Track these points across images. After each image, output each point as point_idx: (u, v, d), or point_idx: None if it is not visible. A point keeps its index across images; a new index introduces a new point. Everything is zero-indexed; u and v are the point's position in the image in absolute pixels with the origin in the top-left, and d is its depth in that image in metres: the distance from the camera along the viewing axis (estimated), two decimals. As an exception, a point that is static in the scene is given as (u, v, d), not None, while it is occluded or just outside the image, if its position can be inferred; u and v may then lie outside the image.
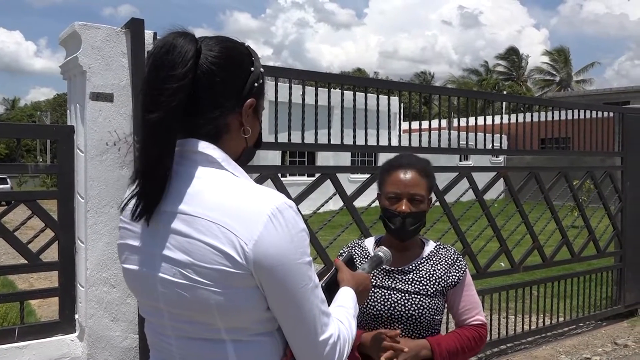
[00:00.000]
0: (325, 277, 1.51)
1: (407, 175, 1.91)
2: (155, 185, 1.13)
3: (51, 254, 2.93)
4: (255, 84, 1.23)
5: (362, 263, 1.87)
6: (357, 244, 2.10)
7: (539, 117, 5.25)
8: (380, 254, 1.79)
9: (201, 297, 1.10)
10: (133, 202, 1.17)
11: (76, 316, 2.91)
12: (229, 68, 1.19)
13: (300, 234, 1.13)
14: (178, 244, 1.11)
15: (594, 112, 5.67)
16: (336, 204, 4.15)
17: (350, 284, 1.45)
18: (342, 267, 1.52)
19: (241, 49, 1.25)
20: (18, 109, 63.80)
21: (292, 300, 1.12)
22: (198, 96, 1.16)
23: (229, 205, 1.10)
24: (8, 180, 30.42)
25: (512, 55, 52.49)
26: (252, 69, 1.23)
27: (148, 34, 2.85)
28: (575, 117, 5.45)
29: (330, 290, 1.42)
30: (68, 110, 3.12)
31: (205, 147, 1.17)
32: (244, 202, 1.11)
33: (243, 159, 1.26)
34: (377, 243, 2.07)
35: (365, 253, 2.03)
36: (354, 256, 2.01)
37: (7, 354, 2.68)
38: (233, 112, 1.20)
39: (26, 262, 2.87)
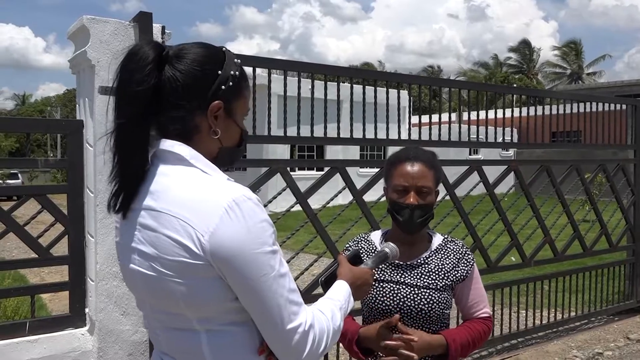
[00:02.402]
0: (326, 272, 1.52)
1: (414, 168, 1.90)
2: (128, 183, 1.21)
3: (62, 248, 2.94)
4: (223, 87, 1.25)
5: (367, 258, 1.85)
6: (364, 238, 2.08)
7: (550, 110, 5.19)
8: (387, 250, 1.77)
9: (167, 288, 1.17)
10: (110, 199, 1.25)
11: (86, 310, 2.92)
12: (191, 72, 1.22)
13: (259, 225, 1.16)
14: (148, 239, 1.19)
15: (606, 105, 5.61)
16: (345, 198, 4.13)
17: (346, 278, 1.47)
18: (342, 262, 1.55)
19: (210, 53, 1.28)
20: (28, 104, 64.22)
21: (253, 290, 1.15)
22: (162, 98, 1.22)
23: (189, 199, 1.16)
24: (19, 175, 30.66)
25: (524, 48, 52.08)
26: (220, 72, 1.26)
27: (156, 28, 2.84)
28: (587, 109, 5.39)
29: (330, 284, 1.44)
30: (77, 105, 3.12)
31: (173, 145, 1.23)
32: (202, 195, 1.16)
33: (223, 159, 1.29)
34: (384, 237, 2.06)
35: (372, 247, 2.02)
36: (361, 250, 2.00)
37: (18, 348, 2.69)
38: (200, 114, 1.24)
39: (37, 256, 2.87)
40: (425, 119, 4.32)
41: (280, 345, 1.19)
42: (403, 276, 1.92)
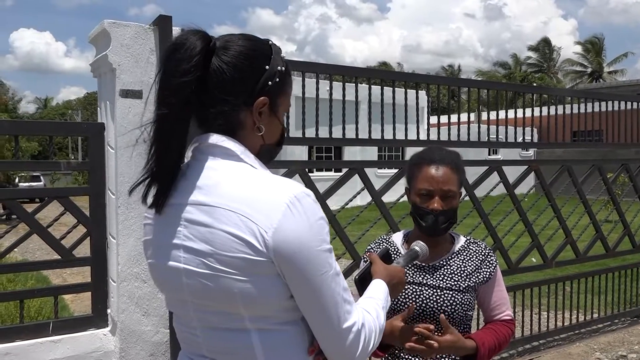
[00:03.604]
0: (360, 271, 1.50)
1: (439, 172, 1.86)
2: (164, 176, 1.18)
3: (84, 250, 2.97)
4: (269, 82, 1.22)
5: (396, 257, 1.84)
6: (385, 239, 2.06)
7: (571, 109, 5.12)
8: (417, 248, 1.76)
9: (224, 285, 1.12)
10: (146, 193, 1.22)
11: (108, 311, 2.95)
12: (239, 66, 1.20)
13: (318, 222, 1.14)
14: (200, 235, 1.14)
15: (628, 103, 5.52)
16: (364, 199, 4.12)
17: (382, 276, 1.44)
18: (375, 260, 1.51)
19: (259, 47, 1.24)
20: (50, 107, 65.19)
21: (313, 287, 1.13)
22: (208, 92, 1.19)
23: (248, 195, 1.12)
24: (41, 177, 31.10)
25: (544, 46, 51.52)
26: (267, 67, 1.22)
27: (176, 31, 2.86)
28: (609, 108, 5.31)
29: (364, 284, 1.43)
30: (98, 108, 3.16)
31: (222, 140, 1.20)
32: (262, 191, 1.13)
33: (262, 156, 1.26)
34: (406, 238, 2.04)
35: (394, 249, 2.00)
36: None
37: (42, 348, 2.73)
38: (245, 110, 1.21)
39: (59, 257, 2.91)
40: (444, 119, 4.29)
41: (335, 345, 1.17)
42: (425, 278, 1.91)
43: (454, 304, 1.86)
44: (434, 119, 4.34)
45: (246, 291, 1.11)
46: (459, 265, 1.92)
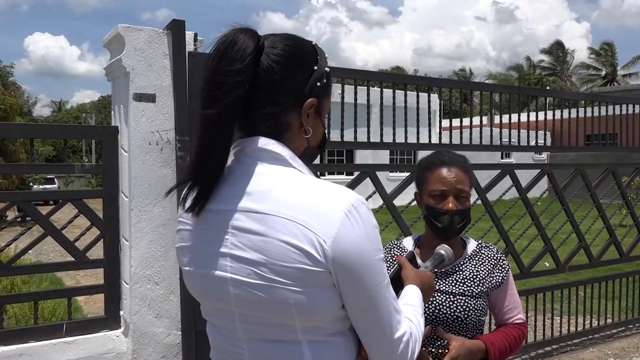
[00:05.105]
0: (390, 274, 1.49)
1: (451, 172, 1.86)
2: (207, 178, 1.14)
3: (97, 252, 3.00)
4: (318, 84, 1.20)
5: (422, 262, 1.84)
6: (396, 244, 2.05)
7: (585, 112, 5.09)
8: (442, 252, 1.77)
9: (279, 296, 1.07)
10: (186, 196, 1.17)
11: (121, 312, 2.97)
12: (289, 66, 1.16)
13: (374, 230, 1.11)
14: (251, 243, 1.09)
15: (643, 107, 5.46)
16: (375, 202, 4.11)
17: (415, 281, 1.41)
18: (405, 264, 1.48)
19: (306, 47, 1.22)
20: (64, 111, 65.82)
21: (369, 297, 1.10)
22: (257, 92, 1.15)
23: (304, 203, 1.08)
24: (55, 180, 31.35)
25: (557, 49, 51.19)
26: (316, 67, 1.20)
27: (189, 35, 2.89)
28: (623, 112, 5.26)
29: (394, 287, 1.41)
30: (112, 111, 3.19)
31: (270, 143, 1.15)
32: (318, 199, 1.09)
33: (305, 159, 1.22)
34: (417, 243, 2.03)
35: (405, 254, 1.99)
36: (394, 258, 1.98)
37: (55, 349, 2.76)
38: (293, 111, 1.18)
39: (73, 259, 2.94)
40: (456, 122, 4.28)
41: (386, 355, 1.15)
42: (438, 283, 1.89)
43: (467, 309, 1.85)
44: (446, 122, 4.33)
45: (302, 302, 1.07)
46: (471, 271, 1.91)
